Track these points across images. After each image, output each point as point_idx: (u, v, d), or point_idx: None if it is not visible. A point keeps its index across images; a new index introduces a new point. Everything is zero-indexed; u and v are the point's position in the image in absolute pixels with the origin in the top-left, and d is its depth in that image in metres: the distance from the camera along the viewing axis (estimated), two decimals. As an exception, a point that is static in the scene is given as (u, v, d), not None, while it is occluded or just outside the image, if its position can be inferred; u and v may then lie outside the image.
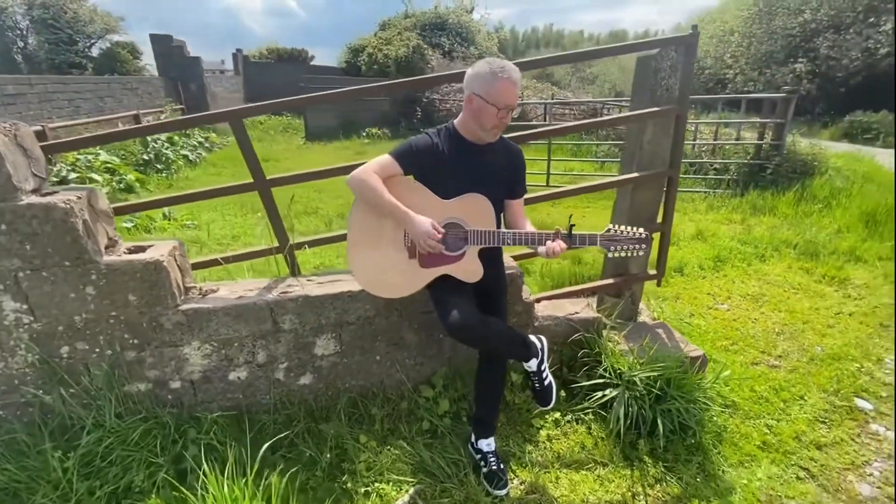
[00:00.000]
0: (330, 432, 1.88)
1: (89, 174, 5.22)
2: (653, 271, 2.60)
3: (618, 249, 1.63)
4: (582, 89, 25.68)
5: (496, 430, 1.90)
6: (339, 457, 1.86)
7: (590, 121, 2.50)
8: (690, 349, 2.28)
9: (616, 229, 1.63)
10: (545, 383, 1.85)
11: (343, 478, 1.77)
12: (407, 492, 1.73)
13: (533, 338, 1.84)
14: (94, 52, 15.79)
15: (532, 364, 1.81)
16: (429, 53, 15.65)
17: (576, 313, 2.37)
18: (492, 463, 1.80)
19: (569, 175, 7.77)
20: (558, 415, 2.11)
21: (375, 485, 1.75)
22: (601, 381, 2.10)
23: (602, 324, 2.35)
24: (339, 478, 1.78)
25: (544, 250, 1.57)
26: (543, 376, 1.85)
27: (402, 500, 1.70)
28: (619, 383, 2.06)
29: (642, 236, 1.63)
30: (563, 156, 8.77)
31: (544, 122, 9.24)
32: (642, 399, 1.99)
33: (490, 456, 1.81)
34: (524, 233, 1.61)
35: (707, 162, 6.74)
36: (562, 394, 2.18)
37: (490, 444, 1.84)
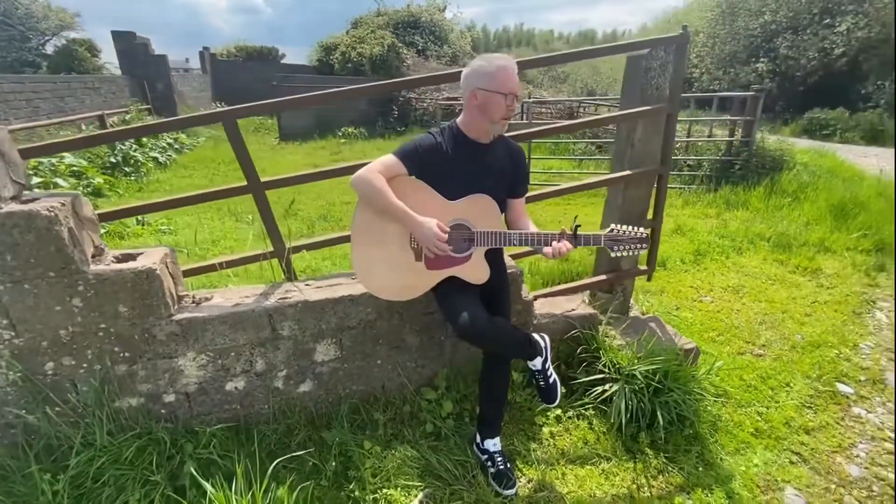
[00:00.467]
0: (335, 440, 1.84)
1: (53, 178, 4.95)
2: (643, 266, 2.66)
3: (621, 249, 1.65)
4: (554, 88, 26.08)
5: (501, 430, 1.90)
6: (343, 464, 1.82)
7: (586, 119, 2.53)
8: (683, 342, 2.33)
9: (619, 229, 1.65)
10: (550, 381, 1.86)
11: (350, 486, 1.73)
12: (416, 496, 1.71)
13: (536, 336, 1.85)
14: (48, 49, 15.00)
15: (537, 362, 1.82)
16: (404, 52, 15.55)
17: (572, 310, 2.40)
18: (499, 463, 1.80)
19: (547, 173, 7.87)
20: (559, 411, 2.13)
21: (383, 491, 1.72)
22: (600, 376, 2.13)
23: (598, 320, 2.39)
24: (345, 486, 1.74)
25: (550, 251, 1.58)
26: (548, 374, 1.86)
27: (412, 506, 1.68)
28: (618, 377, 2.10)
29: (643, 236, 1.66)
30: (542, 154, 8.86)
31: (522, 120, 9.32)
32: (641, 392, 2.03)
33: (497, 456, 1.81)
34: (530, 233, 1.61)
35: (681, 159, 6.94)
36: (562, 390, 2.20)
37: (496, 443, 1.84)
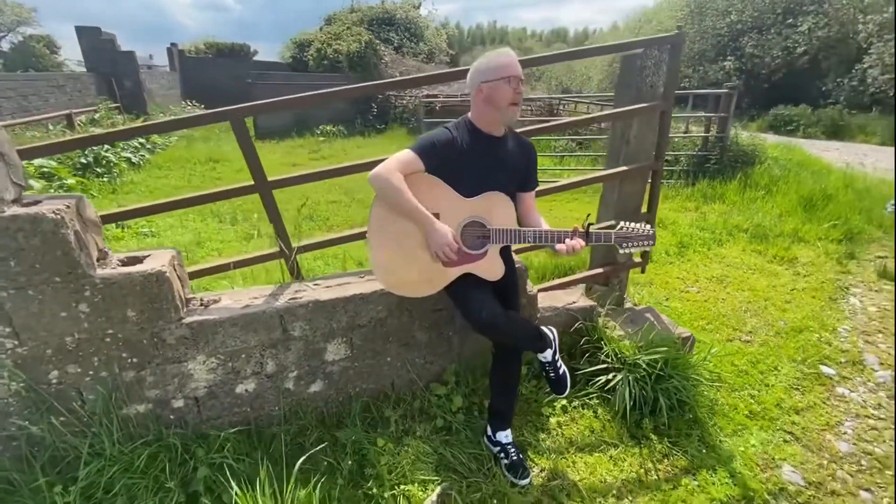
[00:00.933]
0: (350, 438, 1.84)
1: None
2: (638, 259, 2.74)
3: (630, 245, 1.71)
4: (529, 85, 26.33)
5: (512, 422, 1.94)
6: (358, 462, 1.82)
7: (583, 117, 2.58)
8: (680, 331, 2.42)
9: (628, 227, 1.70)
10: (560, 372, 1.91)
11: (367, 483, 1.73)
12: (434, 490, 1.73)
13: (545, 329, 1.89)
14: (4, 46, 14.25)
15: (547, 354, 1.86)
16: (381, 49, 15.42)
17: (573, 303, 2.46)
18: (512, 454, 1.83)
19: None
20: (565, 401, 2.18)
21: (400, 487, 1.73)
22: (603, 366, 2.20)
23: (597, 311, 2.45)
24: (362, 484, 1.74)
25: (564, 248, 1.62)
26: (558, 365, 1.91)
27: (431, 500, 1.70)
28: (621, 367, 2.16)
29: (651, 233, 1.71)
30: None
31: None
32: (644, 380, 2.10)
33: (510, 447, 1.85)
34: (545, 231, 1.64)
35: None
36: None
37: (508, 435, 1.88)
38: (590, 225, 1.67)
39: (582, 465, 1.89)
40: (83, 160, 6.30)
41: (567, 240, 1.63)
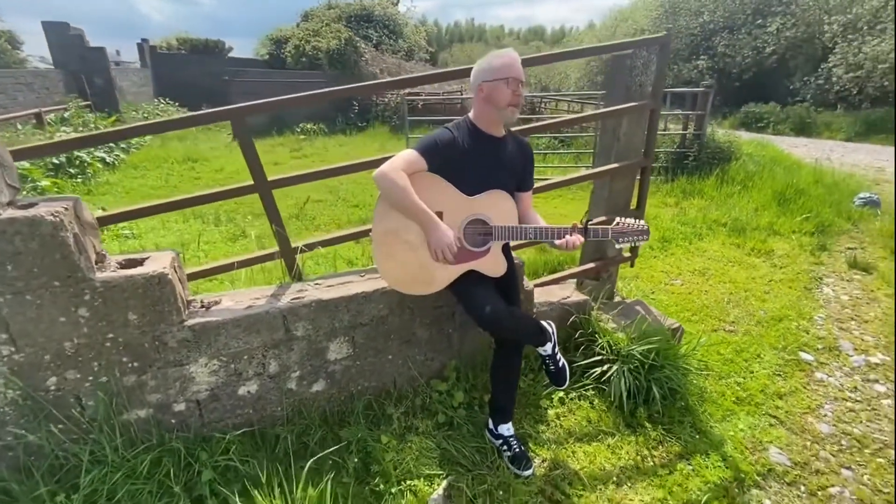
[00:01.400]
0: (355, 436, 1.85)
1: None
2: (627, 254, 2.82)
3: (625, 240, 1.76)
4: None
5: (513, 415, 1.98)
6: (362, 460, 1.84)
7: (575, 115, 2.63)
8: (670, 322, 2.51)
9: (623, 223, 1.75)
10: (559, 365, 1.96)
11: (373, 480, 1.75)
12: (440, 484, 1.75)
13: (544, 323, 1.94)
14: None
15: (547, 348, 1.91)
16: (362, 46, 15.28)
17: (567, 297, 2.51)
18: (514, 446, 1.87)
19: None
20: (562, 394, 2.23)
21: (407, 482, 1.75)
22: (598, 358, 2.26)
23: (591, 305, 2.52)
24: (368, 481, 1.75)
25: (563, 243, 1.66)
26: (557, 358, 1.96)
27: (437, 494, 1.72)
28: (615, 358, 2.23)
29: (645, 228, 1.77)
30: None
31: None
32: (637, 371, 2.17)
33: (512, 440, 1.89)
34: (545, 228, 1.68)
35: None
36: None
37: (509, 428, 1.92)
38: (588, 221, 1.72)
39: (581, 455, 1.95)
40: (55, 160, 6.07)
41: (566, 236, 1.67)
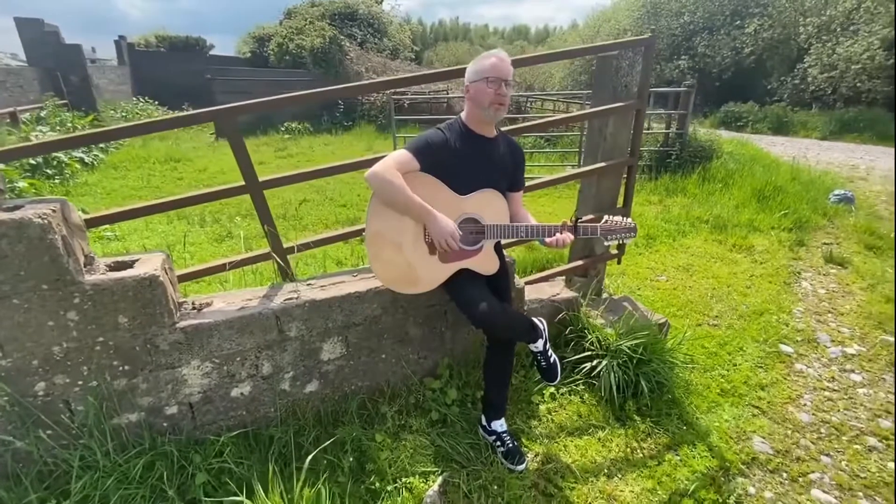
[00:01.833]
0: (351, 435, 1.85)
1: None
2: (614, 251, 2.87)
3: (613, 238, 1.81)
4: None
5: (506, 411, 2.01)
6: (357, 459, 1.84)
7: (564, 115, 2.67)
8: (656, 317, 2.57)
9: (611, 220, 1.79)
10: (551, 361, 1.99)
11: (369, 479, 1.76)
12: (435, 481, 1.77)
13: (536, 320, 1.97)
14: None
15: (539, 344, 1.94)
16: (347, 45, 15.16)
17: (557, 294, 2.55)
18: (507, 442, 1.90)
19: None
20: (553, 389, 2.27)
21: (402, 480, 1.77)
22: (587, 353, 2.30)
23: (579, 302, 2.56)
24: (364, 480, 1.76)
25: (553, 241, 1.69)
26: (548, 354, 1.99)
27: (433, 490, 1.74)
28: (604, 353, 2.28)
29: (633, 225, 1.82)
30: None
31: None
32: (626, 365, 2.22)
33: (505, 435, 1.92)
34: (536, 226, 1.71)
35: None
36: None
37: (502, 424, 1.94)
38: (577, 219, 1.75)
39: (573, 448, 1.99)
40: (32, 161, 5.90)
41: (557, 234, 1.70)
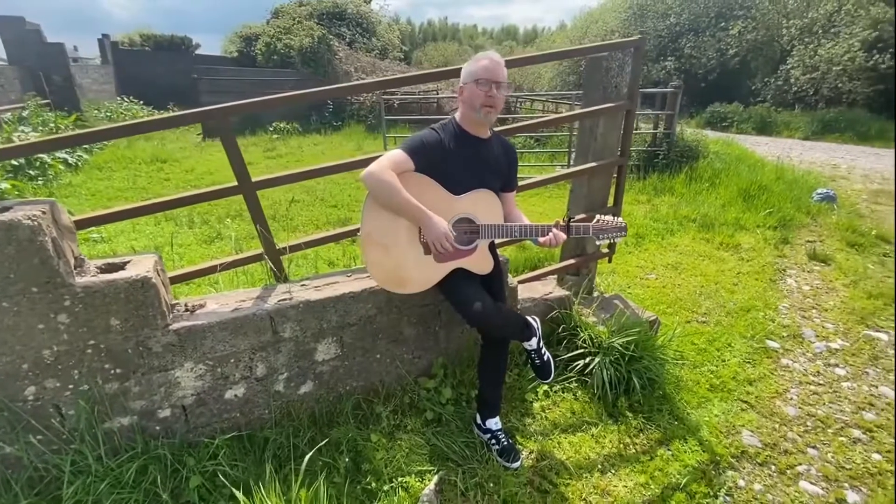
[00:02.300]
0: (345, 436, 1.85)
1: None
2: (605, 250, 2.91)
3: (605, 237, 1.83)
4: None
5: (500, 409, 2.02)
6: (353, 460, 1.84)
7: (556, 116, 2.70)
8: (647, 315, 2.60)
9: (604, 220, 1.82)
10: (544, 359, 2.01)
11: (365, 479, 1.76)
12: (431, 480, 1.78)
13: (529, 318, 1.99)
14: None
15: (533, 343, 1.96)
16: (335, 44, 15.09)
17: (549, 293, 2.58)
18: (502, 440, 1.92)
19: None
20: (547, 387, 2.29)
21: (398, 479, 1.77)
22: (580, 351, 2.33)
23: (571, 300, 2.59)
24: (360, 480, 1.77)
25: (546, 240, 1.71)
26: (542, 352, 2.01)
27: (429, 489, 1.75)
28: (597, 351, 2.31)
29: (623, 224, 1.84)
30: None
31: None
32: (618, 362, 2.25)
33: (500, 433, 1.93)
34: (529, 226, 1.73)
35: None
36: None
37: (497, 422, 1.96)
38: (570, 219, 1.78)
39: (567, 445, 2.01)
40: (14, 162, 5.78)
41: (550, 233, 1.72)
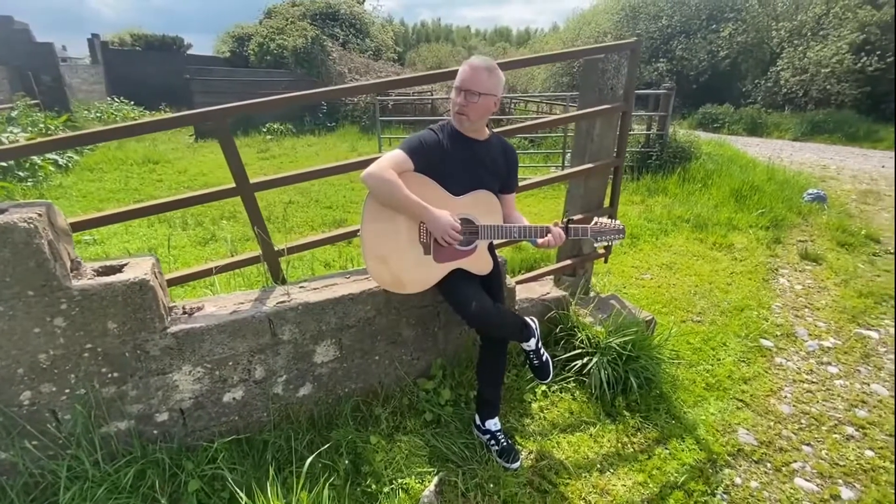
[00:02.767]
0: (345, 438, 1.85)
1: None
2: (601, 250, 2.92)
3: (603, 239, 1.84)
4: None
5: (499, 410, 2.03)
6: (353, 462, 1.84)
7: (554, 117, 2.71)
8: (644, 314, 2.62)
9: (602, 222, 1.83)
10: (543, 359, 2.02)
11: (365, 481, 1.76)
12: (431, 481, 1.78)
13: (528, 319, 1.99)
14: None
15: (531, 343, 1.97)
16: (329, 45, 15.04)
17: (547, 294, 2.59)
18: (502, 440, 1.92)
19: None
20: (545, 387, 2.30)
21: (398, 481, 1.77)
22: (578, 351, 2.34)
23: (568, 301, 2.60)
24: (360, 482, 1.76)
25: (545, 241, 1.72)
26: (541, 353, 2.02)
27: (429, 490, 1.75)
28: (594, 351, 2.32)
29: (621, 227, 1.86)
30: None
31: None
32: (615, 362, 2.27)
33: (499, 434, 1.94)
34: (529, 227, 1.74)
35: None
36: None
37: (496, 423, 1.96)
38: (569, 220, 1.79)
39: (566, 445, 2.02)
40: (4, 163, 5.70)
41: (549, 234, 1.73)
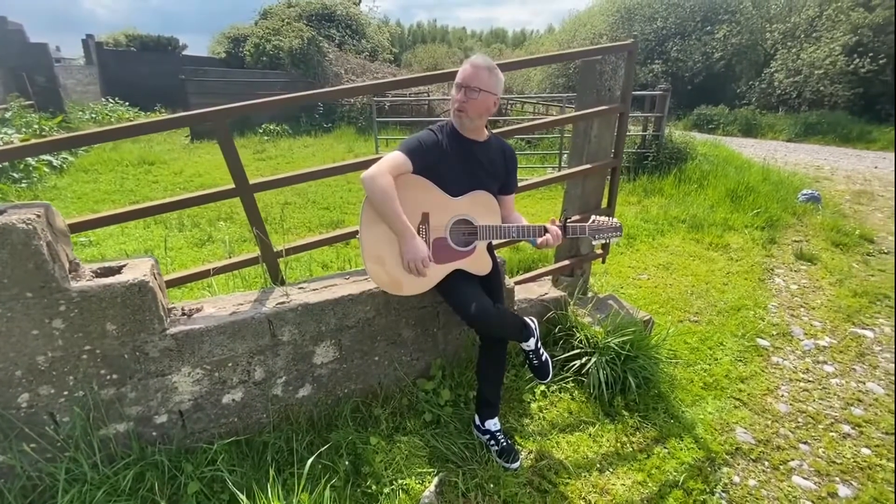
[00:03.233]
0: (345, 439, 1.84)
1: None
2: (599, 251, 2.94)
3: (601, 237, 1.85)
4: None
5: (499, 410, 2.03)
6: (352, 463, 1.84)
7: (552, 118, 2.72)
8: (641, 314, 2.64)
9: (599, 220, 1.84)
10: (542, 359, 2.03)
11: (365, 481, 1.76)
12: (431, 482, 1.78)
13: (527, 319, 2.00)
14: None
15: (531, 343, 1.97)
16: (325, 46, 15.03)
17: (545, 294, 2.60)
18: (501, 441, 1.92)
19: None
20: (544, 387, 2.31)
21: (398, 481, 1.77)
22: (576, 351, 2.35)
23: (567, 301, 2.61)
24: (360, 483, 1.76)
25: (544, 241, 1.73)
26: (540, 353, 2.02)
27: (429, 491, 1.75)
28: (593, 351, 2.33)
29: (618, 225, 1.87)
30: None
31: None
32: (613, 362, 2.28)
33: (498, 434, 1.94)
34: (526, 227, 1.75)
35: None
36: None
37: (496, 423, 1.97)
38: (567, 219, 1.80)
39: (565, 445, 2.02)
40: (-3, 164, 5.66)
41: (547, 234, 1.74)
